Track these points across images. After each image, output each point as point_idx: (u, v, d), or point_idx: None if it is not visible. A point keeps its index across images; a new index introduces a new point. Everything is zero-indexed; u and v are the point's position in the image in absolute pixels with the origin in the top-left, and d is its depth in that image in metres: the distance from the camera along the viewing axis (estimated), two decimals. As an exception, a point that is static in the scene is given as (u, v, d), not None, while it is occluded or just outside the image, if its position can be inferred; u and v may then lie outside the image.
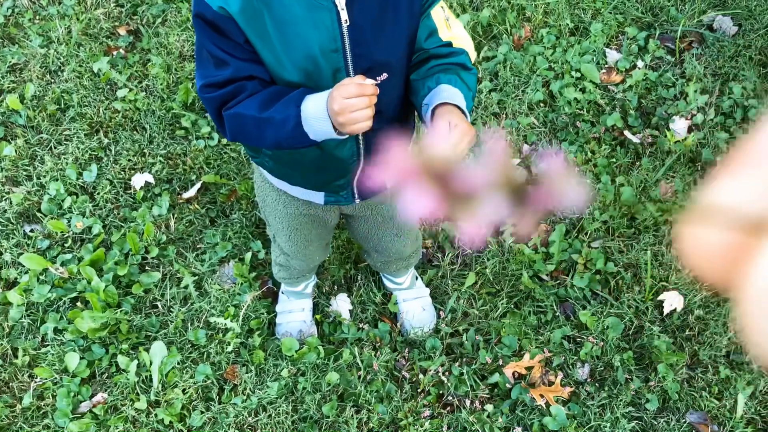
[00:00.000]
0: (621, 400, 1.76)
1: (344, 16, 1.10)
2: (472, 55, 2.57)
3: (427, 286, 1.97)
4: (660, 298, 1.90)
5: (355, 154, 1.28)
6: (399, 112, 1.29)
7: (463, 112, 1.17)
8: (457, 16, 2.62)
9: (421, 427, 1.75)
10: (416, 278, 1.95)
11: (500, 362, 1.82)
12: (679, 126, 2.29)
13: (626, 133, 2.29)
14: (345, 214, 1.57)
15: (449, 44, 1.31)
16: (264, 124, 1.14)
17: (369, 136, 1.23)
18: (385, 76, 1.18)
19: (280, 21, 1.09)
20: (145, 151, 2.26)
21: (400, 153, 0.39)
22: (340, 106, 1.06)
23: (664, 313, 1.88)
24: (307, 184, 1.39)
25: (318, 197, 1.41)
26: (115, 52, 2.53)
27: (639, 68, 2.47)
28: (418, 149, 0.48)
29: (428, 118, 1.19)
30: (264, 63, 1.14)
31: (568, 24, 2.61)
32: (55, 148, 2.29)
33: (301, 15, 1.09)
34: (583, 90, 2.42)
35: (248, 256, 2.01)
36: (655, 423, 1.74)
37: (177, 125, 2.32)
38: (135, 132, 2.32)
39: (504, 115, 2.36)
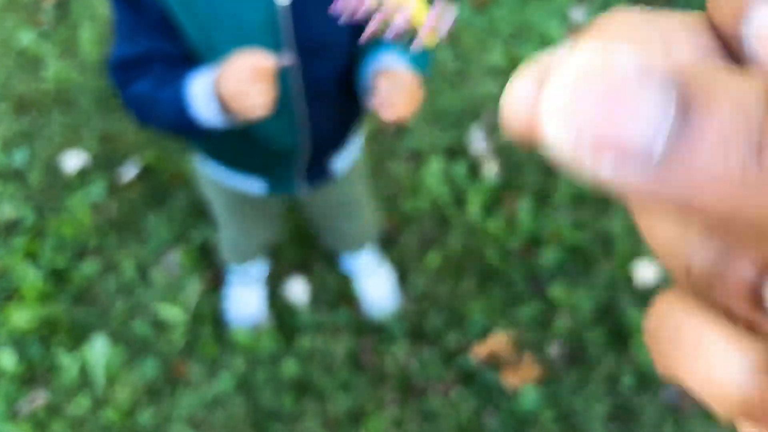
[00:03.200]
0: (595, 378, 1.70)
1: None
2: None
3: (388, 266, 1.88)
4: (632, 270, 1.84)
5: (298, 142, 1.18)
6: (343, 95, 1.19)
7: None
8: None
9: (387, 414, 1.68)
10: (376, 258, 1.86)
11: (468, 344, 1.75)
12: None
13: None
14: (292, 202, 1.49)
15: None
16: (156, 103, 1.06)
17: (314, 118, 1.15)
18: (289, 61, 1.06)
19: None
20: (79, 131, 2.13)
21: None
22: (237, 89, 0.96)
23: (637, 286, 1.83)
24: (245, 168, 1.29)
25: (259, 187, 1.33)
26: (42, 26, 2.37)
27: (604, 29, 2.40)
28: None
29: (368, 80, 1.10)
30: (187, 42, 1.05)
31: (529, -16, 2.52)
32: (-20, 130, 2.14)
33: None
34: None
35: (195, 240, 1.91)
36: (632, 400, 1.69)
37: (114, 102, 2.19)
38: (67, 111, 2.18)
39: (465, 82, 2.28)
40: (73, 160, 2.05)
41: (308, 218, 1.64)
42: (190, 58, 1.08)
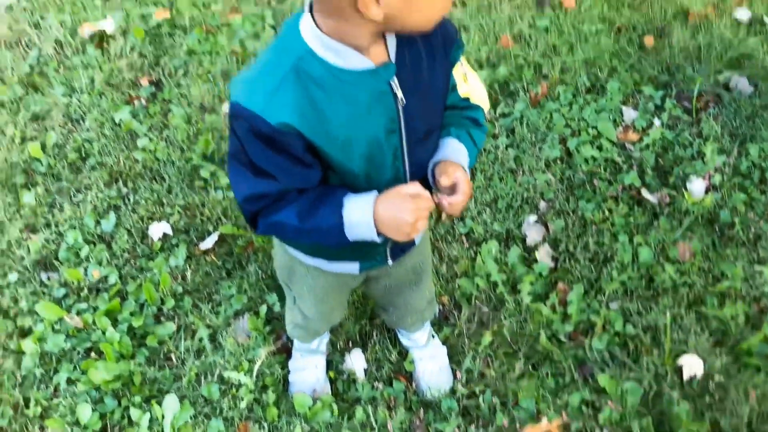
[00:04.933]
0: (640, 468, 1.72)
1: (400, 95, 1.11)
2: (486, 105, 2.60)
3: (443, 344, 1.96)
4: (679, 362, 1.88)
5: None
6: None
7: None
8: (475, 72, 2.65)
9: (436, 490, 1.72)
10: (432, 336, 1.94)
11: (517, 425, 1.79)
12: (697, 186, 2.30)
13: (643, 192, 2.29)
14: (370, 275, 1.57)
15: (467, 99, 1.36)
16: (304, 233, 1.15)
17: None
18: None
19: (347, 115, 1.08)
20: (163, 201, 2.29)
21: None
22: (417, 217, 1.12)
23: (684, 379, 1.86)
24: (344, 258, 1.39)
25: (353, 267, 1.42)
26: (136, 102, 2.57)
27: (656, 127, 2.49)
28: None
29: (429, 170, 1.25)
30: (323, 164, 1.13)
31: (584, 82, 2.65)
32: (74, 196, 2.31)
33: (366, 103, 1.10)
34: (599, 148, 2.44)
35: (263, 309, 2.01)
36: (676, 492, 1.70)
37: (196, 176, 2.35)
38: (154, 182, 2.34)
39: (521, 171, 2.38)
40: (156, 228, 2.20)
41: (376, 291, 1.69)
42: (323, 178, 1.16)
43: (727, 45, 2.78)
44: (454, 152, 1.26)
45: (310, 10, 1.05)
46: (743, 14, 2.91)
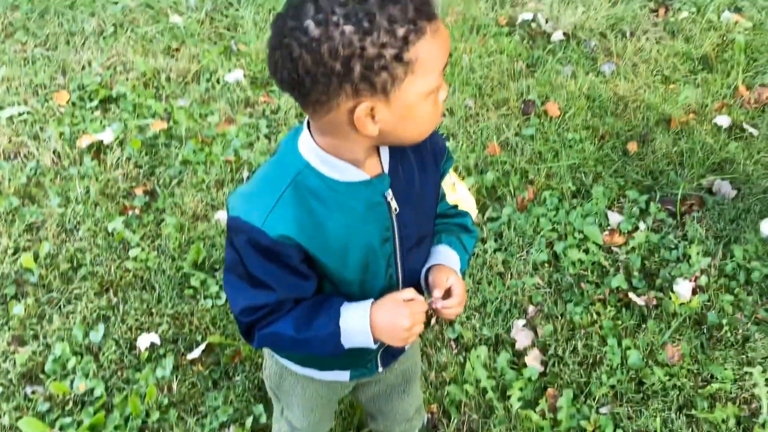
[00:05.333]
0: None
1: (394, 205, 1.17)
2: (474, 212, 2.67)
3: (432, 453, 1.94)
4: (673, 470, 1.86)
5: None
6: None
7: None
8: (463, 178, 2.75)
9: None
10: (421, 445, 1.92)
11: None
12: (683, 288, 2.33)
13: (631, 294, 2.33)
14: (360, 382, 1.58)
15: (455, 206, 1.42)
16: (301, 343, 1.17)
17: None
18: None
19: (343, 225, 1.12)
20: (152, 311, 2.32)
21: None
22: (413, 322, 1.15)
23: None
24: (336, 367, 1.41)
25: (344, 375, 1.44)
26: (130, 212, 2.65)
27: (641, 230, 2.55)
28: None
29: (422, 276, 1.29)
30: (318, 274, 1.16)
31: (570, 186, 2.73)
32: (64, 306, 2.35)
33: (361, 213, 1.14)
34: (586, 251, 2.49)
35: (249, 421, 2.01)
36: None
37: (186, 284, 2.39)
38: (144, 291, 2.38)
39: (509, 275, 2.42)
40: (144, 339, 2.22)
41: (365, 398, 1.68)
42: (318, 287, 1.18)
43: (708, 150, 2.89)
44: (446, 258, 1.31)
45: (308, 127, 1.10)
46: (723, 120, 3.03)
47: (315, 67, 0.94)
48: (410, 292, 1.18)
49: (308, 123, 1.11)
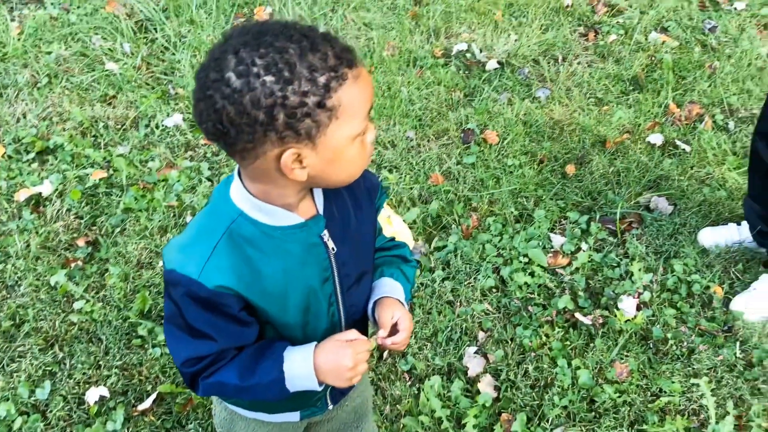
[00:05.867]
0: None
1: (331, 245, 1.20)
2: (411, 243, 2.73)
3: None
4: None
5: None
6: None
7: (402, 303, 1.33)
8: (408, 209, 2.81)
9: None
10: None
11: None
12: (628, 305, 2.42)
13: (577, 315, 2.41)
14: (312, 422, 1.60)
15: (392, 239, 1.47)
16: (245, 390, 1.18)
17: None
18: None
19: (281, 270, 1.14)
20: (100, 364, 2.30)
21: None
22: (356, 361, 1.18)
23: (634, 501, 1.89)
24: (285, 409, 1.43)
25: (294, 416, 1.46)
26: (73, 264, 2.63)
27: (583, 251, 2.64)
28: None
29: (370, 309, 1.33)
30: (260, 320, 1.19)
31: (512, 212, 2.82)
32: (7, 365, 2.32)
33: (299, 256, 1.16)
34: (532, 274, 2.57)
35: (205, 468, 2.01)
36: None
37: (133, 334, 2.38)
38: (91, 344, 2.37)
39: (458, 303, 2.48)
40: (92, 393, 2.21)
41: None
42: (261, 332, 1.20)
43: (644, 168, 3.02)
44: (390, 290, 1.35)
45: (239, 175, 1.12)
46: (656, 139, 3.17)
47: (238, 117, 0.97)
48: (352, 333, 1.21)
49: (239, 171, 1.13)
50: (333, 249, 1.20)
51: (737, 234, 2.63)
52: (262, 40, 0.97)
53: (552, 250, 2.67)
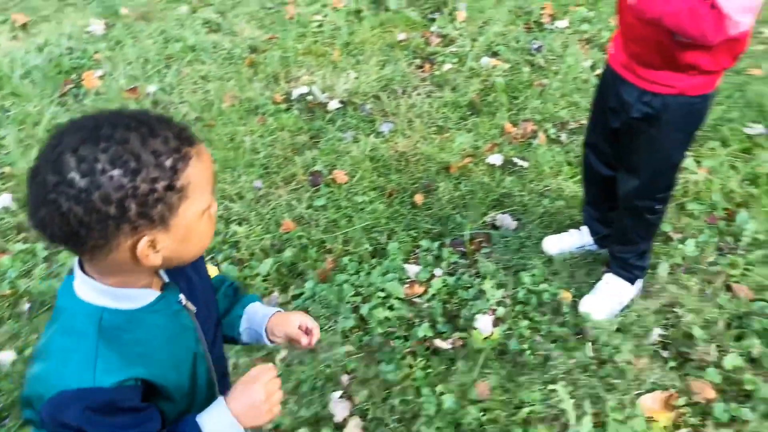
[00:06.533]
0: None
1: (191, 306, 1.22)
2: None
3: None
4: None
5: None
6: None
7: None
8: (261, 262, 2.81)
9: None
10: None
11: None
12: (484, 323, 2.52)
13: (437, 341, 2.48)
14: None
15: (215, 277, 1.52)
16: None
17: (221, 389, 1.34)
18: None
19: (164, 342, 1.16)
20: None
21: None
22: (268, 392, 1.21)
23: None
24: None
25: None
26: None
27: (437, 276, 2.73)
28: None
29: (263, 331, 1.42)
30: (163, 400, 1.17)
31: (367, 248, 2.88)
32: None
33: (170, 326, 1.18)
34: (391, 308, 2.62)
35: None
36: None
37: None
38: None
39: (319, 348, 2.49)
40: None
41: None
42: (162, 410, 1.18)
43: (487, 189, 3.16)
44: (264, 311, 1.45)
45: (86, 273, 1.10)
46: (496, 159, 3.33)
47: (88, 216, 0.96)
48: (255, 370, 1.24)
49: (82, 270, 1.11)
50: (193, 309, 1.23)
51: (579, 239, 2.80)
52: (101, 134, 0.97)
53: (408, 280, 2.74)
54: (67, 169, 0.95)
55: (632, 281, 2.59)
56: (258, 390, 1.20)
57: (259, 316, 1.44)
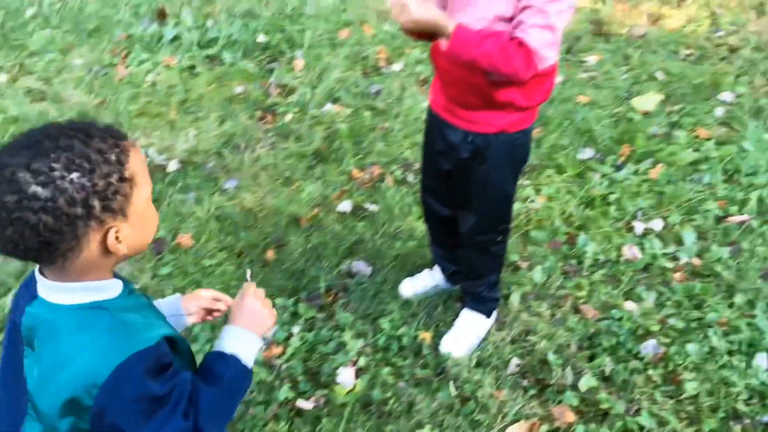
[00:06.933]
0: None
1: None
2: None
3: None
4: None
5: None
6: None
7: None
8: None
9: None
10: None
11: None
12: (345, 376, 2.49)
13: (299, 402, 2.42)
14: None
15: None
16: (224, 394, 1.32)
17: None
18: None
19: (154, 311, 1.34)
20: None
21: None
22: (260, 300, 1.47)
23: None
24: None
25: None
26: None
27: (295, 335, 2.68)
28: None
29: (180, 311, 1.57)
30: (176, 355, 1.30)
31: (219, 313, 2.78)
32: None
33: (146, 302, 1.35)
34: (249, 373, 2.54)
35: None
36: None
37: None
38: None
39: None
40: None
41: None
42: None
43: (339, 237, 3.16)
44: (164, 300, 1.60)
45: (55, 280, 1.18)
46: (345, 206, 3.35)
47: (58, 222, 1.06)
48: (239, 292, 1.47)
49: (50, 286, 1.18)
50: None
51: (431, 279, 2.85)
52: (46, 147, 1.07)
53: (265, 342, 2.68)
54: (26, 185, 1.05)
55: (488, 314, 2.66)
56: (252, 301, 1.44)
57: (165, 303, 1.56)
